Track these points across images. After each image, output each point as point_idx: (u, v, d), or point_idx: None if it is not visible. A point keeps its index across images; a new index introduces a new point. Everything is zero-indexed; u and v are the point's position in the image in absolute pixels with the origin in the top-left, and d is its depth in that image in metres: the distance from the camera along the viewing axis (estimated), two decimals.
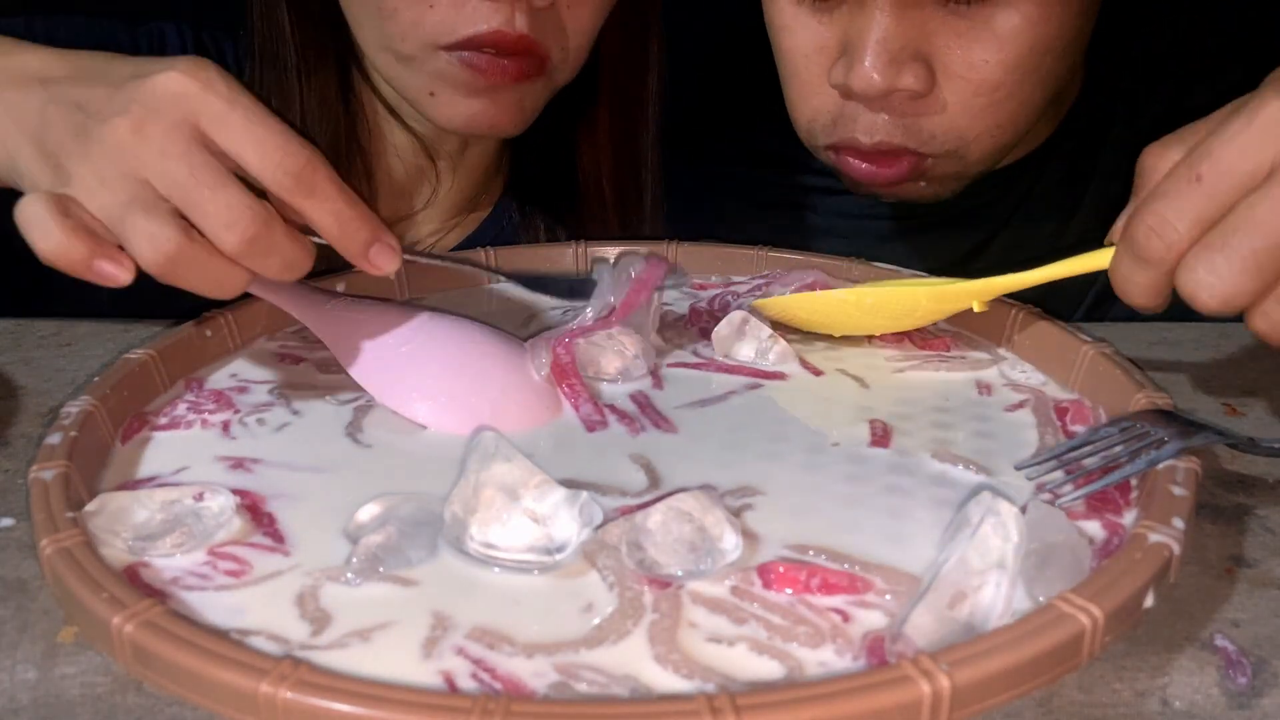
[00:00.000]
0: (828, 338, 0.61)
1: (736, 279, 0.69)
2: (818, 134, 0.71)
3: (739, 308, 0.61)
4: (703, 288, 0.69)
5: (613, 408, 0.54)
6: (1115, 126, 0.79)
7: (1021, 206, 0.81)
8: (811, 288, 0.64)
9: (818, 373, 0.58)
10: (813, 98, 0.70)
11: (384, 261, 0.52)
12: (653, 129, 0.84)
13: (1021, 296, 0.58)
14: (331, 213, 0.50)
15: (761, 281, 0.68)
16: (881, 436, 0.51)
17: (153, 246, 0.47)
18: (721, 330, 0.60)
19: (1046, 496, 0.46)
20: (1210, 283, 0.43)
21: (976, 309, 0.57)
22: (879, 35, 0.63)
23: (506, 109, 0.72)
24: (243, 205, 0.47)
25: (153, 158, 0.47)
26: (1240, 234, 0.42)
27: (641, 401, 0.55)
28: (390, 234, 0.52)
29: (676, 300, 0.67)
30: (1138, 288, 0.47)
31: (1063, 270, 0.53)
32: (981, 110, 0.67)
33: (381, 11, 0.69)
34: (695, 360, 0.59)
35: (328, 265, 0.72)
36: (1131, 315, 0.50)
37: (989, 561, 0.39)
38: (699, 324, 0.63)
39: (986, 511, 0.40)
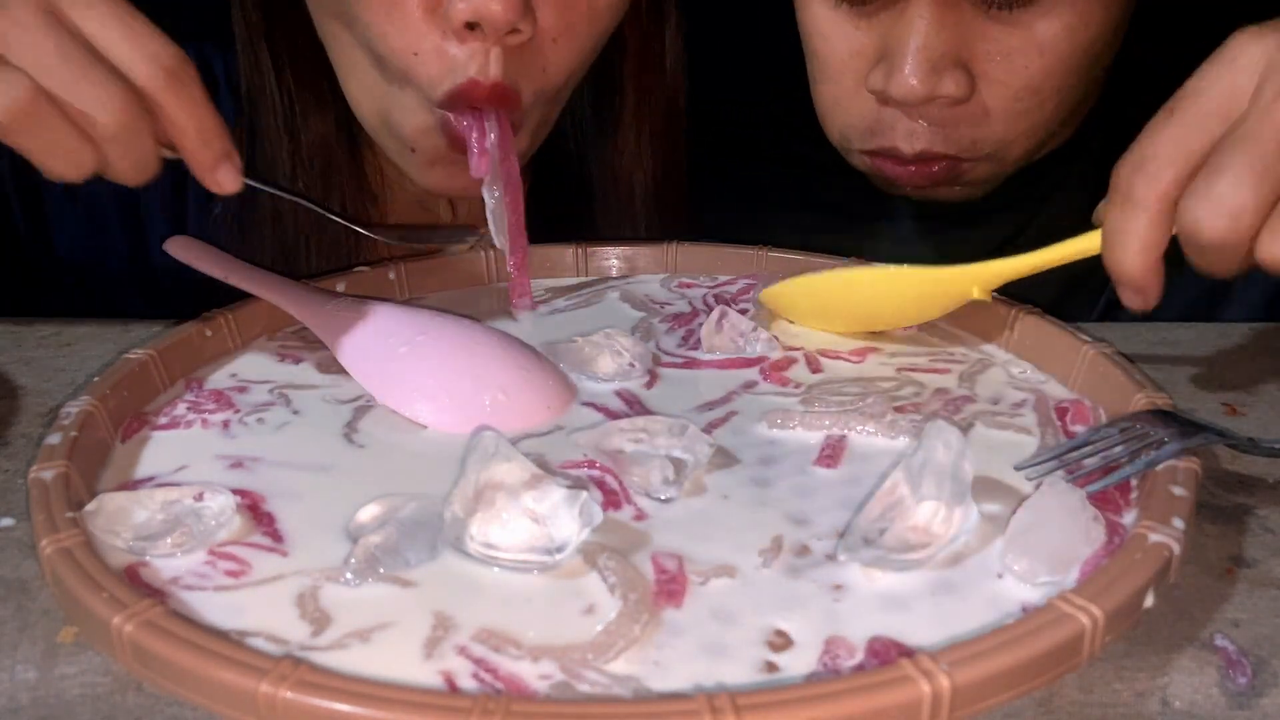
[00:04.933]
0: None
1: (724, 278, 0.69)
2: (853, 139, 0.71)
3: (745, 302, 0.61)
4: (690, 286, 0.69)
5: (607, 410, 0.54)
6: (1140, 124, 0.79)
7: (1045, 206, 0.80)
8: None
9: (817, 370, 0.58)
10: (848, 104, 0.70)
11: (228, 181, 0.51)
12: (683, 125, 0.82)
13: (1043, 294, 0.55)
14: (195, 117, 0.49)
15: (749, 282, 0.68)
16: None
17: (4, 93, 0.44)
18: (707, 328, 0.60)
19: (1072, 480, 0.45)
20: (1212, 203, 0.42)
21: (977, 295, 0.56)
22: (919, 42, 0.63)
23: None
24: (118, 88, 0.45)
25: (7, 27, 0.45)
26: (1234, 150, 0.42)
27: (636, 401, 0.55)
28: (237, 156, 0.51)
29: (673, 299, 0.67)
30: (1131, 240, 0.45)
31: (1058, 254, 0.52)
32: (1020, 115, 0.67)
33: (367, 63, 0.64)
34: (687, 359, 0.59)
35: (328, 266, 0.73)
36: (1147, 313, 0.49)
37: (935, 477, 0.41)
38: (691, 324, 0.63)
39: (936, 432, 0.43)
